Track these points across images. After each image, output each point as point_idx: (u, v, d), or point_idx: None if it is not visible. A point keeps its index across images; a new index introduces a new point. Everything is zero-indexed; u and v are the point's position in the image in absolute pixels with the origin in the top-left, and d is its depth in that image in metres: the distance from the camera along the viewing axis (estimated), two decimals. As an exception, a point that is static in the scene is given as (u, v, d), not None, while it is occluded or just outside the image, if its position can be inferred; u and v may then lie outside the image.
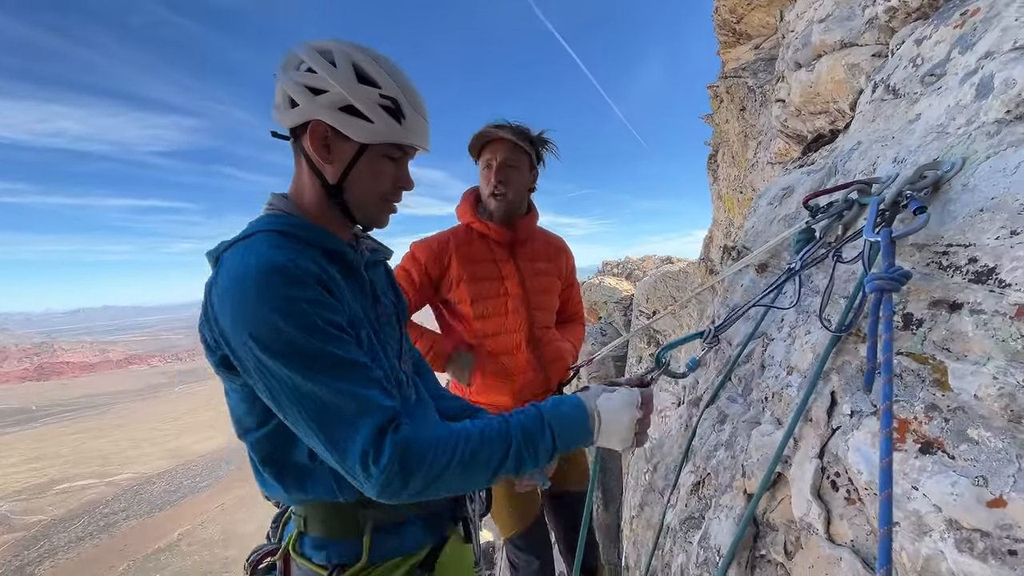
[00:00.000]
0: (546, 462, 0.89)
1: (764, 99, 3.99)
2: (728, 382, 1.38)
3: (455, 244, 1.77)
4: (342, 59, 0.86)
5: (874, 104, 1.39)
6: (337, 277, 0.90)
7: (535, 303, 1.83)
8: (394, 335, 1.07)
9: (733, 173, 4.85)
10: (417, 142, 0.94)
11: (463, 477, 0.81)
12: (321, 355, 0.77)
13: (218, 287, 0.80)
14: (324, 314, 0.79)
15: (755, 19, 4.57)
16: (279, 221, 0.89)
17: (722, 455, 1.17)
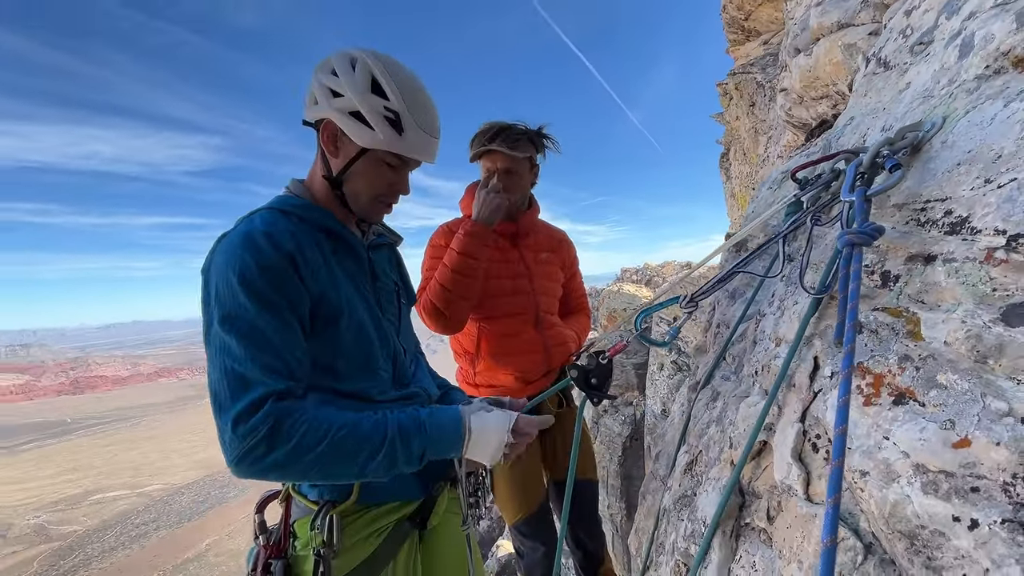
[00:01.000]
0: (417, 465, 0.92)
1: (773, 93, 3.95)
2: (723, 361, 1.37)
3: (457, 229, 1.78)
4: (362, 69, 0.94)
5: (866, 78, 1.38)
6: (327, 253, 0.99)
7: (540, 288, 1.85)
8: (393, 312, 1.16)
9: (745, 170, 4.80)
10: (414, 155, 1.00)
11: (330, 462, 0.84)
12: (245, 318, 0.84)
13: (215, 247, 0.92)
14: (275, 283, 0.87)
15: (763, 15, 4.54)
16: (284, 201, 1.01)
17: (712, 431, 1.16)
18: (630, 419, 5.87)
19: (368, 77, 0.94)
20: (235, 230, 0.93)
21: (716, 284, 1.10)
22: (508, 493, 1.79)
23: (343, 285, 1.01)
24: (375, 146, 0.97)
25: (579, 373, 1.19)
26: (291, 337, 0.88)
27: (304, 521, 0.98)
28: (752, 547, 0.85)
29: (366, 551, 0.98)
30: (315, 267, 0.95)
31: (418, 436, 0.91)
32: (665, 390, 5.22)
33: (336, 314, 0.98)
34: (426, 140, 1.00)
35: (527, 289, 1.82)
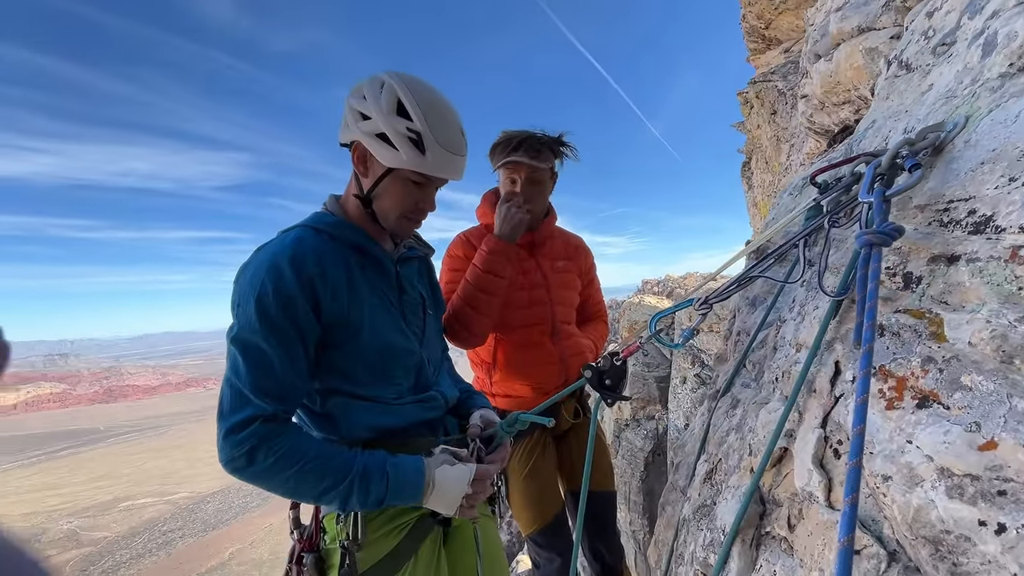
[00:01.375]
0: (375, 506, 0.97)
1: (795, 101, 3.91)
2: (743, 369, 1.34)
3: (476, 239, 1.78)
4: (388, 92, 0.99)
5: (888, 81, 1.36)
6: (354, 268, 1.06)
7: (557, 298, 1.84)
8: (418, 323, 1.21)
9: (767, 179, 4.73)
10: (437, 173, 1.04)
11: (296, 485, 0.93)
12: (254, 341, 0.93)
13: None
14: (288, 311, 0.95)
15: (784, 23, 4.51)
16: (319, 219, 1.08)
17: (732, 439, 1.13)
18: (652, 433, 5.76)
19: (394, 99, 0.99)
20: (268, 247, 1.00)
21: (732, 288, 1.09)
22: (523, 503, 1.77)
23: (367, 300, 1.06)
24: (399, 166, 1.01)
25: (593, 373, 1.19)
26: (292, 364, 0.95)
27: (331, 516, 1.03)
28: (772, 556, 0.82)
29: (388, 545, 1.02)
30: (337, 287, 1.01)
31: (379, 482, 0.97)
32: (688, 404, 5.12)
33: (357, 328, 1.04)
34: (449, 158, 1.04)
35: (544, 299, 1.81)
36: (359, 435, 1.06)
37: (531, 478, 1.77)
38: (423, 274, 1.31)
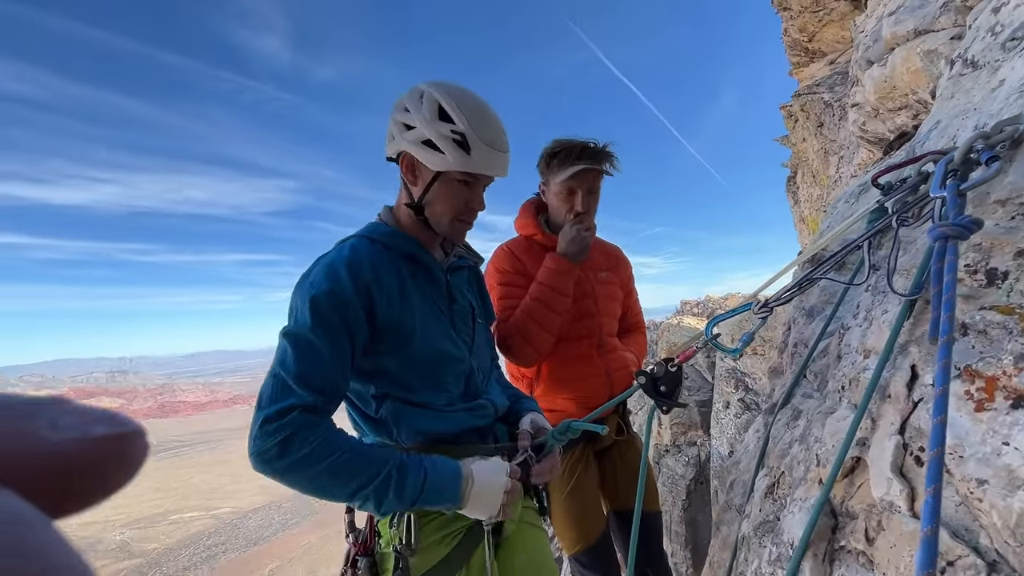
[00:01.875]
0: (407, 506, 0.95)
1: (843, 113, 3.80)
2: (803, 380, 1.28)
3: (522, 253, 1.77)
4: (428, 99, 1.04)
5: (952, 81, 1.31)
6: (406, 277, 1.09)
7: (603, 310, 1.82)
8: (467, 332, 1.22)
9: (815, 193, 4.58)
10: (483, 170, 1.07)
11: (328, 481, 0.90)
12: (304, 334, 0.94)
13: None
14: (340, 311, 0.97)
15: (828, 35, 4.42)
16: (374, 229, 1.12)
17: (796, 450, 1.08)
18: (694, 460, 5.53)
19: (435, 106, 1.02)
20: (326, 256, 1.04)
21: (793, 291, 1.05)
22: (567, 522, 1.72)
23: (418, 308, 1.09)
24: (447, 168, 1.04)
25: (647, 380, 1.17)
26: (339, 361, 0.96)
27: (385, 521, 1.03)
28: (850, 571, 0.77)
29: (440, 553, 1.02)
30: (391, 294, 1.04)
31: (416, 476, 0.96)
32: (732, 430, 4.90)
33: (409, 335, 1.06)
34: (494, 155, 1.06)
35: (592, 311, 1.78)
36: (411, 439, 1.07)
37: (574, 496, 1.72)
38: (472, 283, 1.33)
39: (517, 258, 1.76)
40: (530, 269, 1.73)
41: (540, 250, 1.77)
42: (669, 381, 1.16)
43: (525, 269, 1.73)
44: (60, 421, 0.12)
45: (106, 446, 0.12)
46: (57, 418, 0.12)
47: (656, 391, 1.17)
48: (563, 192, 1.67)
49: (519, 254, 1.77)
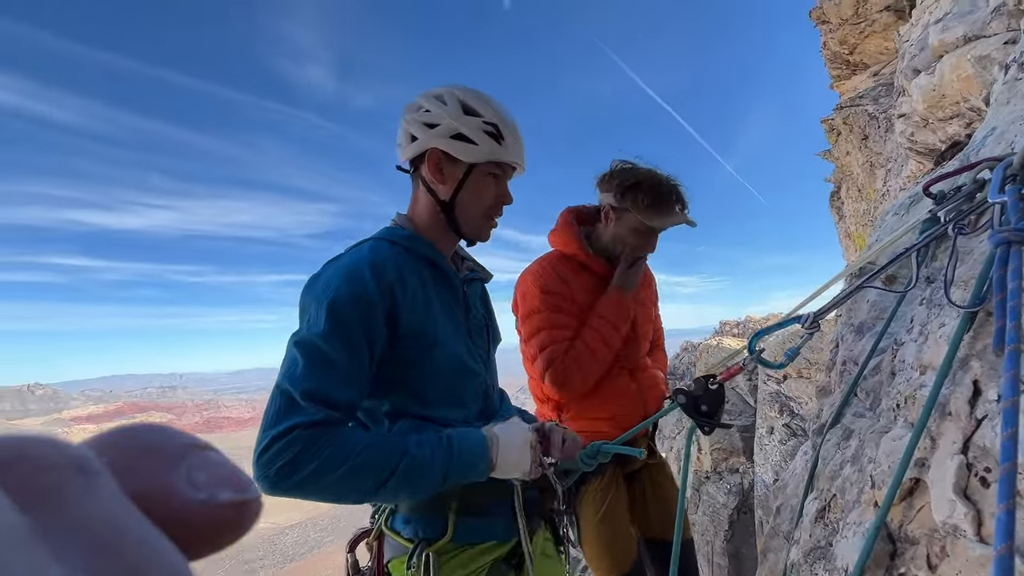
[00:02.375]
0: (439, 482, 0.89)
1: (889, 124, 3.67)
2: (854, 398, 1.22)
3: (566, 273, 1.70)
4: (450, 98, 1.04)
5: (1007, 86, 1.25)
6: (427, 282, 1.05)
7: (642, 333, 1.78)
8: (483, 345, 1.18)
9: (861, 207, 4.41)
10: (515, 159, 1.08)
11: (349, 485, 0.83)
12: (317, 343, 0.87)
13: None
14: (361, 316, 0.90)
15: (870, 47, 4.30)
16: (392, 232, 1.08)
17: (848, 471, 1.02)
18: (736, 488, 5.27)
19: (458, 103, 1.03)
20: (344, 257, 0.99)
21: (841, 300, 1.01)
22: (600, 551, 1.64)
23: (439, 315, 1.04)
24: (482, 159, 1.03)
25: (687, 399, 1.11)
26: (355, 371, 0.89)
27: (400, 560, 0.97)
28: (911, 600, 0.72)
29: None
30: (415, 297, 0.99)
31: (441, 450, 0.90)
32: (777, 457, 4.66)
33: (431, 343, 1.00)
34: (520, 145, 1.08)
35: (632, 337, 1.73)
36: None
37: (606, 522, 1.65)
38: (483, 299, 1.28)
39: (565, 281, 1.66)
40: (576, 293, 1.66)
41: (580, 270, 1.71)
42: (711, 400, 1.10)
43: (572, 295, 1.65)
44: (196, 476, 0.13)
45: (228, 512, 0.13)
46: (194, 472, 0.13)
47: (697, 411, 1.10)
48: (641, 228, 1.60)
49: (568, 276, 1.67)
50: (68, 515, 0.11)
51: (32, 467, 0.11)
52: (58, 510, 0.11)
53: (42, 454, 0.11)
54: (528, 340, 1.65)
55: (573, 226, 1.74)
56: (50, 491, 0.11)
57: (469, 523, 0.98)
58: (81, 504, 0.11)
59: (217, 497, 0.13)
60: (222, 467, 0.13)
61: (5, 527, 0.11)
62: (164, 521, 0.12)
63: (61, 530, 0.11)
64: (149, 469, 0.12)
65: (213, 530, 0.13)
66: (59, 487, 0.11)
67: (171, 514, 0.12)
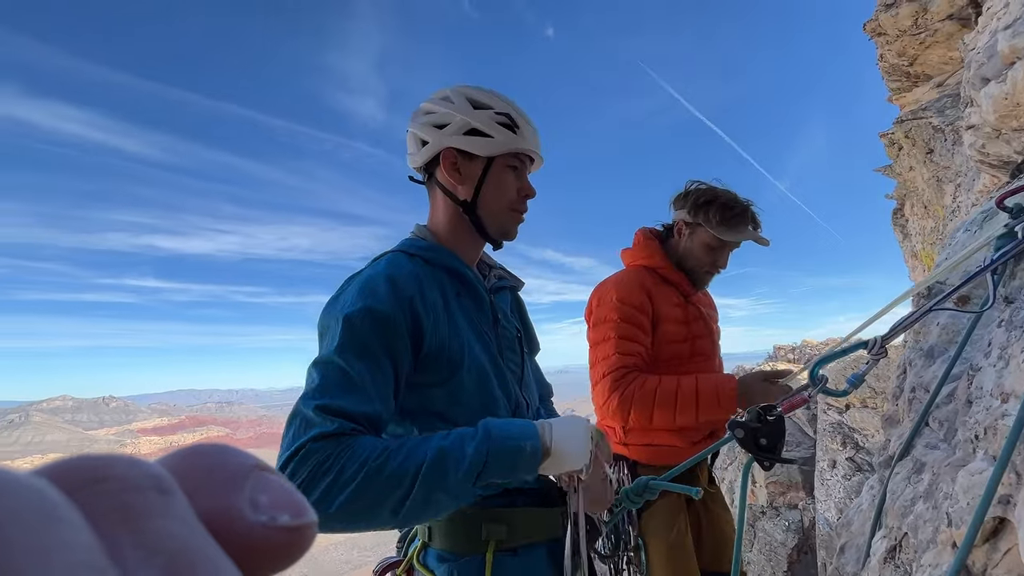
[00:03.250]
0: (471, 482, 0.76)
1: (956, 137, 3.45)
2: (926, 428, 1.13)
3: (649, 283, 1.69)
4: (457, 96, 1.00)
5: (1092, 91, 1.16)
6: (449, 295, 0.97)
7: (718, 348, 1.77)
8: (516, 359, 1.09)
9: (928, 225, 4.13)
10: (532, 147, 1.04)
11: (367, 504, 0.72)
12: (335, 361, 0.80)
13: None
14: (381, 332, 0.84)
15: (933, 57, 4.08)
16: (411, 244, 1.03)
17: (920, 508, 0.94)
18: (796, 526, 4.91)
19: (465, 99, 0.99)
20: (360, 275, 0.93)
21: (909, 322, 0.95)
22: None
23: (464, 330, 0.96)
24: (498, 150, 0.99)
25: (745, 432, 1.01)
26: (378, 386, 0.82)
27: None
28: (1000, 655, 0.65)
29: None
30: (436, 313, 0.92)
31: (474, 436, 0.79)
32: (841, 493, 4.33)
33: (457, 361, 0.92)
34: (536, 135, 1.04)
35: (708, 351, 1.71)
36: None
37: (677, 550, 1.56)
38: (514, 308, 1.20)
39: (647, 293, 1.63)
40: (659, 305, 1.64)
41: (663, 282, 1.70)
42: (771, 433, 1.00)
43: (649, 307, 1.63)
44: (258, 499, 0.13)
45: (286, 536, 0.13)
46: (256, 494, 0.13)
47: (756, 445, 1.01)
48: (713, 243, 1.65)
49: (650, 288, 1.65)
50: (145, 536, 0.11)
51: (112, 487, 0.11)
52: (135, 531, 0.11)
53: (122, 474, 0.11)
54: (595, 345, 1.62)
55: (654, 240, 1.76)
56: (129, 511, 0.11)
57: (507, 561, 0.91)
58: (157, 525, 0.11)
59: (277, 520, 0.12)
60: (282, 490, 0.13)
61: (80, 548, 0.11)
62: (227, 543, 0.12)
63: (137, 551, 0.11)
64: (215, 489, 0.12)
65: (271, 554, 0.12)
66: (137, 507, 0.11)
67: (234, 536, 0.12)
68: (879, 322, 1.22)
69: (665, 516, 1.57)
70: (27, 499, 0.11)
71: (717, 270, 1.69)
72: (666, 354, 1.63)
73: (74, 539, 0.11)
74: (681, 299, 1.71)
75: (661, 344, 1.63)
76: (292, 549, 0.13)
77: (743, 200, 1.64)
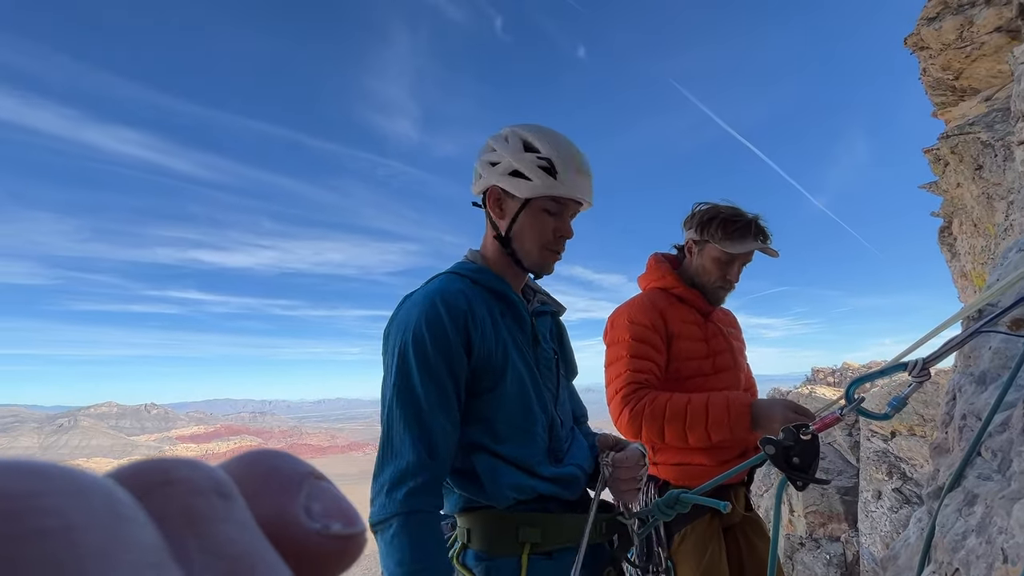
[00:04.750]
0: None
1: (1007, 153, 3.30)
2: (978, 458, 1.07)
3: (664, 304, 1.69)
4: (513, 137, 1.08)
5: None
6: (495, 314, 1.06)
7: (740, 364, 1.73)
8: (552, 379, 1.16)
9: (978, 244, 3.93)
10: (570, 194, 1.07)
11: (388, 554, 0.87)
12: (410, 387, 0.93)
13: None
14: (442, 348, 0.96)
15: (979, 71, 3.94)
16: (461, 266, 1.13)
17: (973, 543, 0.89)
18: (838, 559, 4.64)
19: (519, 141, 1.06)
20: (417, 292, 1.05)
21: (955, 345, 0.91)
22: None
23: (508, 344, 1.05)
24: (534, 194, 1.04)
25: (776, 450, 0.99)
26: (443, 408, 0.94)
27: None
28: None
29: None
30: (484, 327, 1.01)
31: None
32: (887, 527, 4.09)
33: (500, 373, 1.01)
34: (579, 179, 1.07)
35: (730, 365, 1.68)
36: (505, 499, 0.99)
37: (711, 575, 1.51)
38: (554, 331, 1.26)
39: (660, 313, 1.65)
40: (673, 324, 1.65)
41: (677, 302, 1.71)
42: (804, 452, 0.98)
43: (662, 326, 1.64)
44: (312, 506, 0.13)
45: (337, 544, 0.13)
46: (311, 501, 0.13)
47: (788, 463, 1.00)
48: (723, 258, 1.66)
49: (663, 307, 1.67)
50: (207, 541, 0.11)
51: (178, 491, 0.11)
52: (199, 535, 0.11)
53: (187, 477, 0.12)
54: (609, 365, 1.64)
55: (664, 263, 1.79)
56: (193, 516, 0.11)
57: (541, 563, 0.97)
58: (219, 529, 0.11)
59: (330, 528, 0.12)
60: (335, 498, 0.13)
61: (146, 552, 0.11)
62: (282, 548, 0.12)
63: (199, 555, 0.11)
64: (272, 495, 0.12)
65: (323, 561, 0.12)
66: (201, 512, 0.11)
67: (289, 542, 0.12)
68: (926, 346, 1.17)
69: (698, 541, 1.52)
70: (98, 500, 0.11)
71: (730, 284, 1.68)
72: (688, 371, 1.62)
73: (141, 539, 0.11)
74: (699, 317, 1.71)
75: (681, 361, 1.63)
76: (343, 558, 0.13)
77: (748, 213, 1.64)
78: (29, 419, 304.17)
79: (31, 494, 0.11)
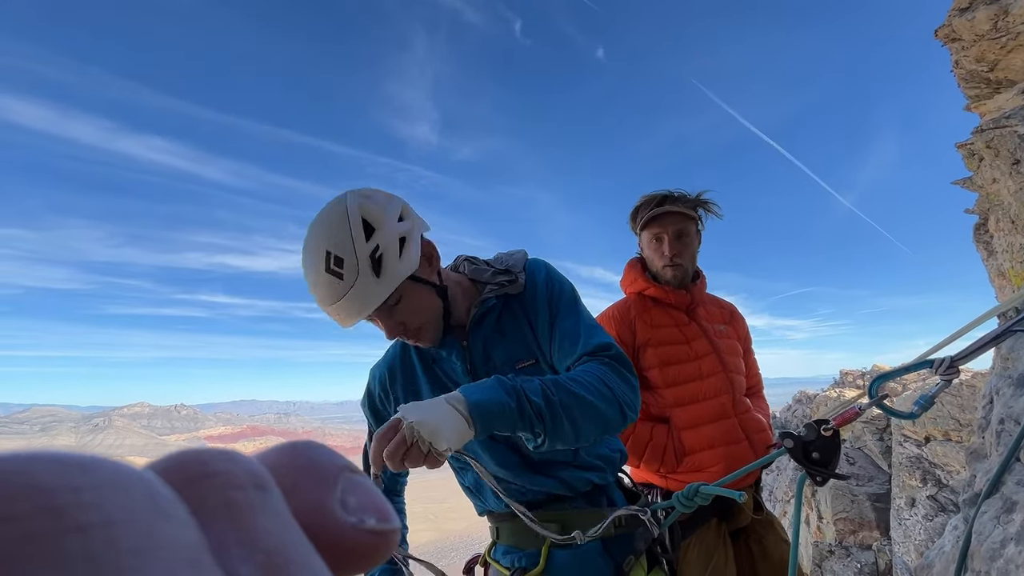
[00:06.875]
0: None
1: (1048, 145, 3.15)
2: (1016, 464, 1.03)
3: (635, 312, 1.72)
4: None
5: None
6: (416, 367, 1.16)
7: (730, 365, 1.69)
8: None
9: (1017, 241, 3.77)
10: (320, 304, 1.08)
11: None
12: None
13: None
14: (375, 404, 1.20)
15: (1016, 62, 3.77)
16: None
17: (1012, 551, 0.85)
18: (870, 568, 4.49)
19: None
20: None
21: (987, 344, 0.88)
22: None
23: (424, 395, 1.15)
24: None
25: (796, 444, 0.99)
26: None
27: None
28: None
29: None
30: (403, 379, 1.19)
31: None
32: (922, 535, 3.94)
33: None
34: (314, 285, 1.02)
35: (717, 368, 1.66)
36: (498, 505, 1.09)
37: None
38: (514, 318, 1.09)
39: (627, 323, 1.71)
40: (639, 333, 1.69)
41: (653, 304, 1.75)
42: (824, 448, 0.97)
43: (630, 338, 1.69)
44: (348, 500, 0.13)
45: (372, 538, 0.13)
46: (347, 494, 0.13)
47: (808, 458, 0.99)
48: (652, 240, 1.73)
49: (634, 314, 1.72)
50: (246, 533, 0.11)
51: (216, 483, 0.11)
52: (238, 528, 0.11)
53: (226, 470, 0.12)
54: None
55: (636, 267, 1.82)
56: (231, 508, 0.11)
57: (561, 555, 1.03)
58: (256, 523, 0.11)
59: (365, 522, 0.13)
60: (370, 493, 0.13)
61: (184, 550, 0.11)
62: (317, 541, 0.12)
63: (237, 547, 0.11)
64: (309, 488, 0.12)
65: (357, 555, 0.12)
66: (239, 505, 0.11)
67: (325, 535, 0.12)
68: (962, 343, 1.13)
69: (703, 549, 1.52)
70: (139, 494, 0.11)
71: (673, 261, 1.69)
72: (669, 377, 1.64)
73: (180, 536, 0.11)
74: (681, 316, 1.73)
75: (663, 367, 1.65)
76: (376, 553, 0.13)
77: (658, 191, 1.71)
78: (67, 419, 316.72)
79: (73, 488, 0.11)
